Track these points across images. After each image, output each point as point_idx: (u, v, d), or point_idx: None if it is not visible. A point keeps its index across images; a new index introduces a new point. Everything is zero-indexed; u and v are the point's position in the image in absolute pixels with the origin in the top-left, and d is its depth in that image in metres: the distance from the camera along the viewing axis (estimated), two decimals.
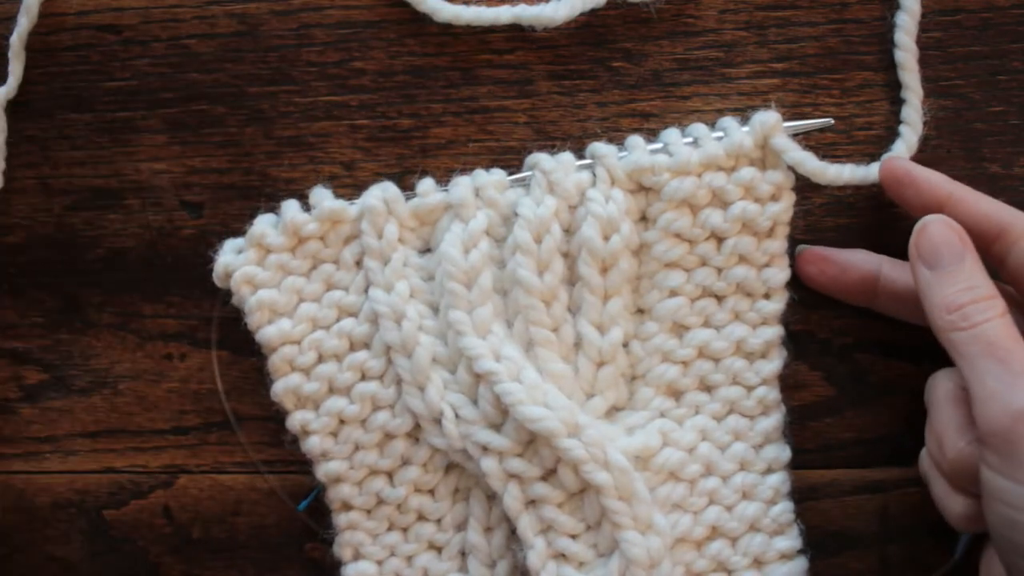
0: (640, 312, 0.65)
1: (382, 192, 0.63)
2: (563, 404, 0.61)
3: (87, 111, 0.67)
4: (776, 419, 0.65)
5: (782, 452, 0.65)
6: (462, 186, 0.63)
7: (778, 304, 0.64)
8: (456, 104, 0.67)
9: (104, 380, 0.68)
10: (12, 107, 0.67)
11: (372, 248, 0.63)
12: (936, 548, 0.66)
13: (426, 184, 0.64)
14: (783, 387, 0.65)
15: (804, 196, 0.64)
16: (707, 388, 0.65)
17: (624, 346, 0.64)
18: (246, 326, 0.64)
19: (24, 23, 0.66)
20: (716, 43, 0.66)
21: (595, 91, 0.66)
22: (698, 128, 0.63)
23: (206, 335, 0.67)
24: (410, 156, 0.67)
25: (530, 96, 0.67)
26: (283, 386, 0.63)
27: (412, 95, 0.67)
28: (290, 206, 0.64)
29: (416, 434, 0.64)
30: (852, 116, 0.66)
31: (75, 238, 0.68)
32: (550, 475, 0.62)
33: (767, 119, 0.62)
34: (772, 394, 0.64)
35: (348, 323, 0.63)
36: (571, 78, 0.66)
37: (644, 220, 0.64)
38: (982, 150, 0.66)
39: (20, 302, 0.68)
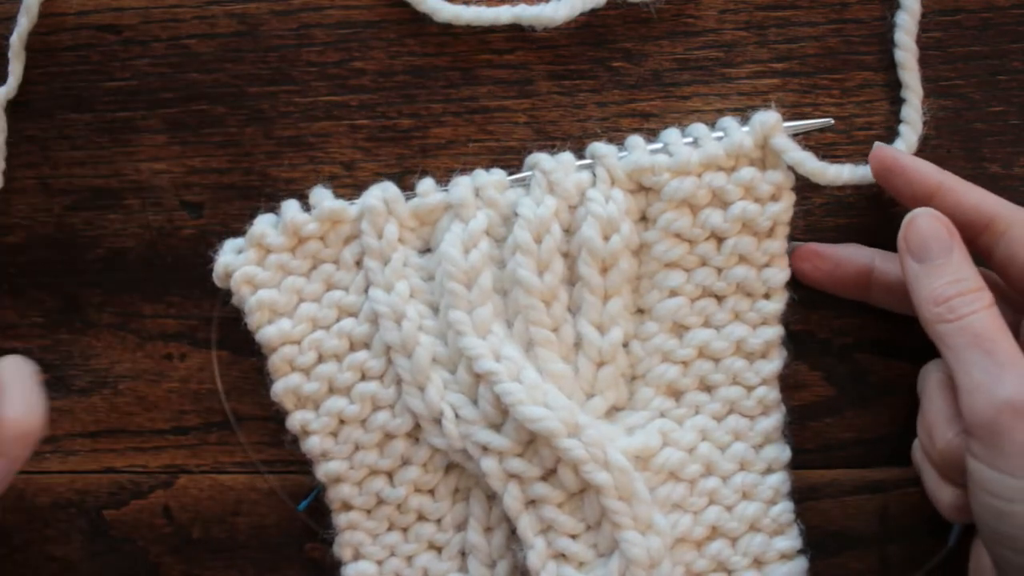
0: (640, 312, 0.65)
1: (382, 192, 0.63)
2: (563, 404, 0.61)
3: (87, 111, 0.67)
4: (776, 419, 0.65)
5: (782, 452, 0.65)
6: (462, 186, 0.63)
7: (778, 304, 0.64)
8: (456, 104, 0.67)
9: (104, 380, 0.68)
10: (12, 107, 0.67)
11: (372, 248, 0.63)
12: (936, 548, 0.66)
13: (426, 184, 0.64)
14: (783, 387, 0.65)
15: (804, 196, 0.64)
16: (707, 388, 0.65)
17: (624, 346, 0.64)
18: (246, 326, 0.64)
19: (24, 23, 0.66)
20: (716, 43, 0.66)
21: (595, 91, 0.66)
22: (698, 128, 0.63)
23: (206, 335, 0.67)
24: (410, 156, 0.67)
25: (530, 96, 0.67)
26: (283, 386, 0.63)
27: (412, 95, 0.67)
28: (290, 206, 0.64)
29: (416, 434, 0.64)
30: (852, 116, 0.66)
31: (75, 238, 0.68)
32: (550, 475, 0.62)
33: (767, 119, 0.62)
34: (772, 394, 0.64)
35: (348, 323, 0.64)
36: (571, 78, 0.66)
37: (644, 220, 0.64)
38: (982, 150, 0.66)
39: (20, 302, 0.68)
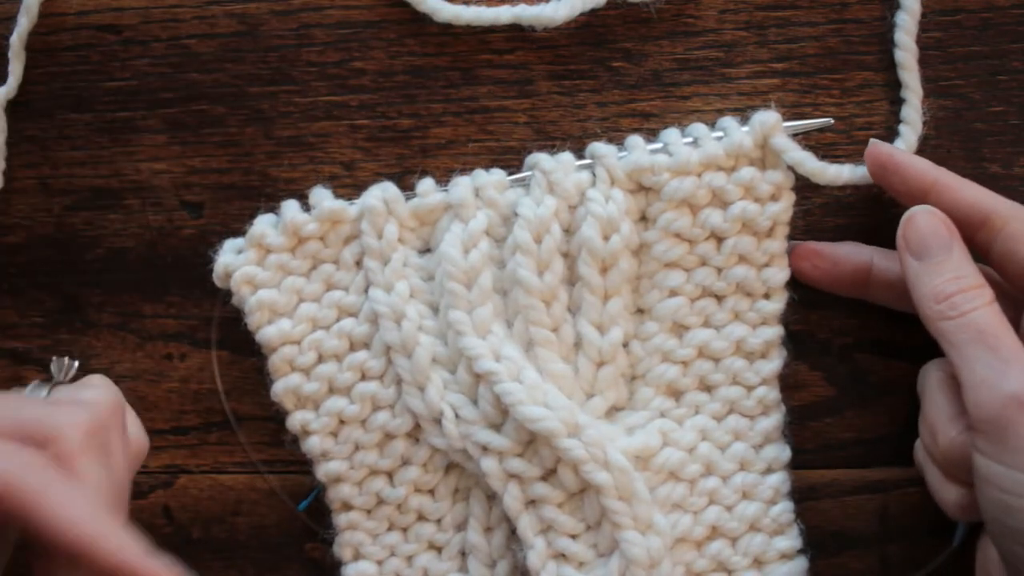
0: (640, 312, 0.65)
1: (382, 192, 0.63)
2: (563, 404, 0.61)
3: (87, 111, 0.67)
4: (776, 419, 0.65)
5: (782, 452, 0.65)
6: (462, 186, 0.63)
7: (778, 304, 0.64)
8: (456, 104, 0.67)
9: None
10: (12, 107, 0.67)
11: (372, 248, 0.63)
12: (936, 548, 0.66)
13: (426, 184, 0.64)
14: (783, 387, 0.65)
15: (804, 196, 0.64)
16: (707, 388, 0.64)
17: (624, 346, 0.64)
18: (246, 326, 0.64)
19: (24, 23, 0.66)
20: (716, 43, 0.66)
21: (595, 91, 0.66)
22: (698, 128, 0.63)
23: (206, 335, 0.67)
24: (410, 156, 0.67)
25: (530, 96, 0.67)
26: (283, 386, 0.63)
27: (412, 95, 0.67)
28: (290, 206, 0.64)
29: (416, 434, 0.64)
30: (852, 116, 0.66)
31: (75, 238, 0.68)
32: (550, 475, 0.62)
33: (767, 119, 0.62)
34: (772, 394, 0.64)
35: (348, 323, 0.63)
36: (571, 78, 0.66)
37: (644, 220, 0.64)
38: (982, 150, 0.66)
39: (20, 302, 0.68)
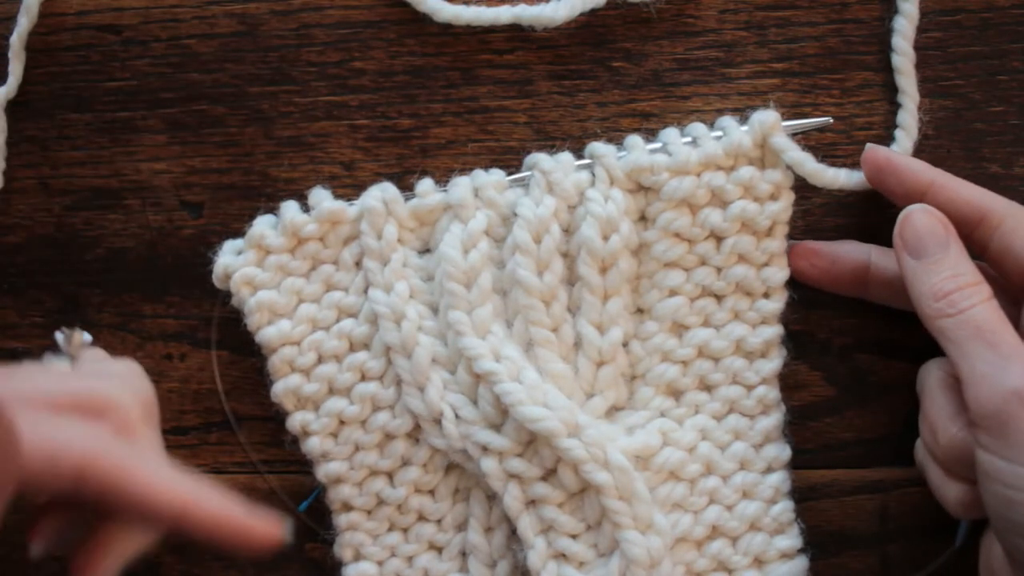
0: (640, 312, 0.65)
1: (381, 193, 0.63)
2: (563, 404, 0.61)
3: (87, 111, 0.67)
4: (776, 418, 0.65)
5: (782, 451, 0.65)
6: (461, 186, 0.63)
7: (777, 303, 0.64)
8: (456, 104, 0.67)
9: None
10: (12, 107, 0.67)
11: (371, 249, 0.63)
12: (937, 548, 0.66)
13: (425, 184, 0.64)
14: (783, 387, 0.65)
15: (803, 196, 0.64)
16: (707, 387, 0.64)
17: (624, 346, 0.64)
18: (246, 326, 0.64)
19: (24, 23, 0.66)
20: (716, 43, 0.66)
21: (595, 91, 0.66)
22: (697, 127, 0.63)
23: (206, 335, 0.67)
24: (410, 156, 0.67)
25: (530, 96, 0.67)
26: (283, 387, 0.63)
27: (412, 95, 0.67)
28: (289, 207, 0.64)
29: (416, 434, 0.64)
30: (852, 116, 0.66)
31: (75, 238, 0.68)
32: (550, 475, 0.62)
33: (766, 118, 0.62)
34: (772, 393, 0.64)
35: (348, 324, 0.63)
36: (571, 78, 0.66)
37: (643, 220, 0.64)
38: (982, 150, 0.66)
39: (20, 302, 0.68)
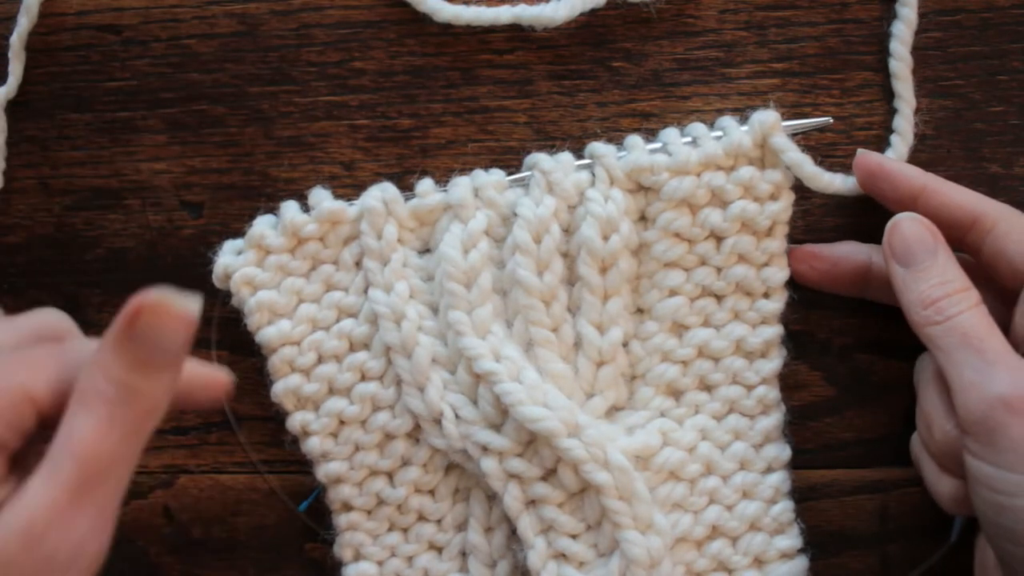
0: (640, 312, 0.65)
1: (381, 193, 0.63)
2: (563, 404, 0.61)
3: (87, 111, 0.67)
4: (776, 418, 0.65)
5: (782, 451, 0.65)
6: (461, 186, 0.63)
7: (777, 303, 0.64)
8: (456, 104, 0.67)
9: None
10: (12, 107, 0.67)
11: (371, 249, 0.63)
12: (936, 547, 0.66)
13: (425, 184, 0.64)
14: (783, 387, 0.65)
15: (803, 196, 0.64)
16: (707, 387, 0.64)
17: (624, 346, 0.64)
18: (246, 326, 0.64)
19: (24, 23, 0.66)
20: (716, 43, 0.66)
21: (595, 91, 0.66)
22: (697, 127, 0.63)
23: (206, 335, 0.66)
24: (410, 156, 0.67)
25: (530, 96, 0.67)
26: (283, 387, 0.63)
27: (412, 95, 0.67)
28: (289, 207, 0.64)
29: (416, 434, 0.64)
30: (852, 116, 0.66)
31: (75, 238, 0.68)
32: (550, 475, 0.62)
33: (766, 118, 0.62)
34: (772, 393, 0.64)
35: (348, 324, 0.63)
36: (571, 78, 0.66)
37: (643, 220, 0.64)
38: (982, 150, 0.66)
39: (20, 302, 0.68)
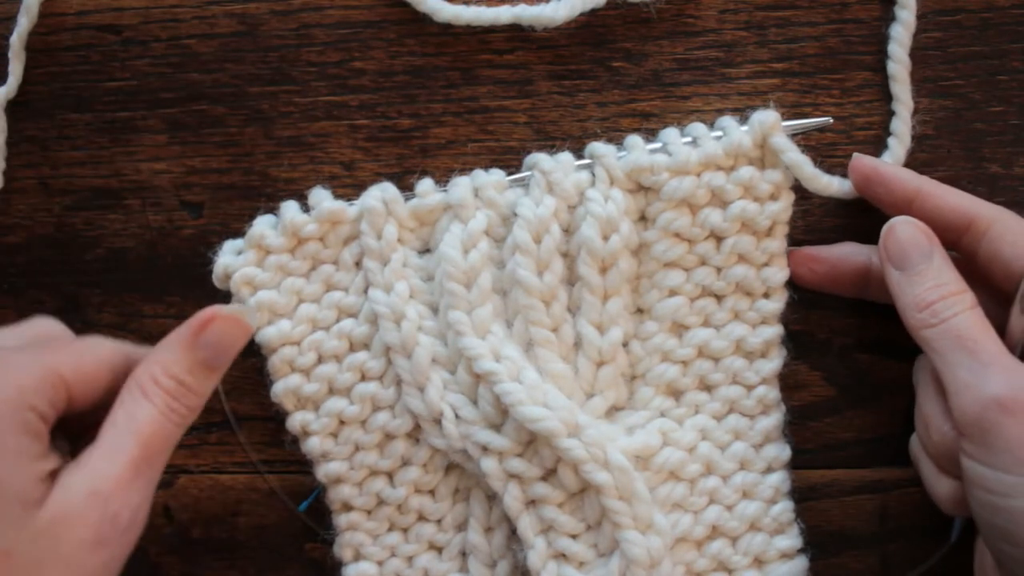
0: (640, 312, 0.65)
1: (381, 193, 0.63)
2: (563, 404, 0.61)
3: (87, 111, 0.67)
4: (776, 418, 0.65)
5: (782, 451, 0.65)
6: (461, 187, 0.63)
7: (777, 303, 0.64)
8: (456, 104, 0.67)
9: None
10: (12, 107, 0.67)
11: (371, 249, 0.63)
12: (936, 547, 0.66)
13: (425, 185, 0.64)
14: (783, 387, 0.65)
15: (803, 196, 0.64)
16: (707, 387, 0.64)
17: (624, 346, 0.64)
18: None
19: (24, 23, 0.66)
20: (716, 43, 0.66)
21: (595, 91, 0.66)
22: (697, 127, 0.63)
23: None
24: (410, 156, 0.67)
25: (530, 96, 0.67)
26: (283, 387, 0.63)
27: (412, 95, 0.67)
28: (289, 207, 0.64)
29: (416, 434, 0.64)
30: (852, 116, 0.66)
31: (75, 238, 0.68)
32: (550, 475, 0.62)
33: (766, 118, 0.62)
34: (772, 393, 0.64)
35: (348, 324, 0.63)
36: (571, 78, 0.66)
37: (643, 220, 0.64)
38: (982, 150, 0.66)
39: (20, 302, 0.68)
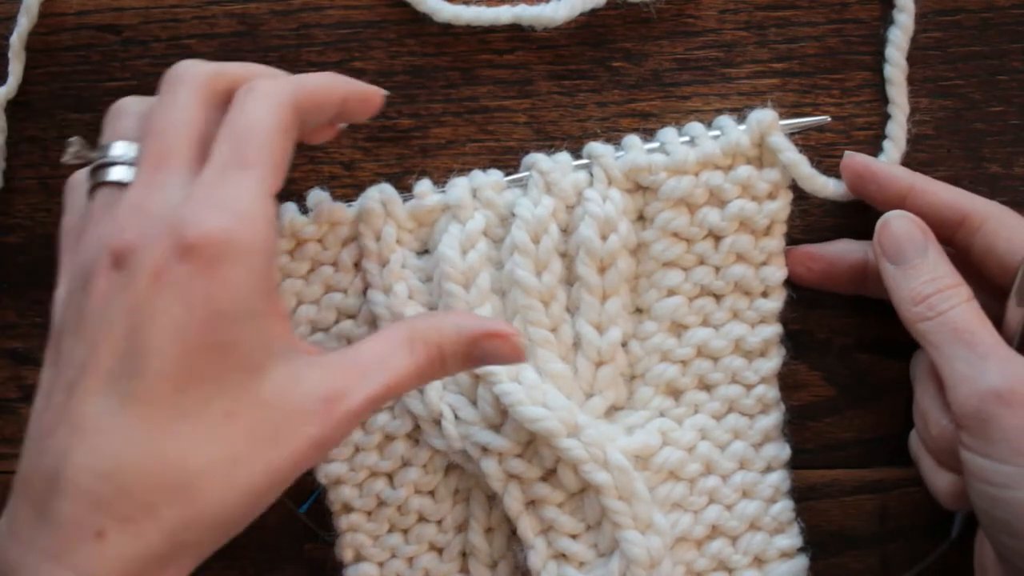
0: (639, 311, 0.64)
1: (379, 194, 0.63)
2: (562, 404, 0.61)
3: (87, 111, 0.67)
4: (775, 417, 0.65)
5: (782, 450, 0.65)
6: (459, 187, 0.63)
7: (776, 302, 0.64)
8: (456, 104, 0.67)
9: None
10: (12, 107, 0.67)
11: (370, 250, 0.63)
12: (936, 547, 0.66)
13: (423, 185, 0.64)
14: (782, 387, 0.65)
15: (801, 196, 0.64)
16: (706, 387, 0.64)
17: (623, 345, 0.64)
18: None
19: (24, 23, 0.66)
20: (716, 43, 0.66)
21: (595, 91, 0.66)
22: (695, 127, 0.63)
23: None
24: (410, 156, 0.67)
25: (530, 96, 0.67)
26: None
27: (412, 95, 0.67)
28: (288, 208, 0.63)
29: (416, 435, 0.64)
30: (852, 116, 0.66)
31: None
32: (550, 475, 0.62)
33: (763, 117, 0.62)
34: (771, 392, 0.64)
35: (347, 325, 0.63)
36: (571, 78, 0.66)
37: (642, 219, 0.64)
38: (982, 150, 0.66)
39: (20, 302, 0.68)
